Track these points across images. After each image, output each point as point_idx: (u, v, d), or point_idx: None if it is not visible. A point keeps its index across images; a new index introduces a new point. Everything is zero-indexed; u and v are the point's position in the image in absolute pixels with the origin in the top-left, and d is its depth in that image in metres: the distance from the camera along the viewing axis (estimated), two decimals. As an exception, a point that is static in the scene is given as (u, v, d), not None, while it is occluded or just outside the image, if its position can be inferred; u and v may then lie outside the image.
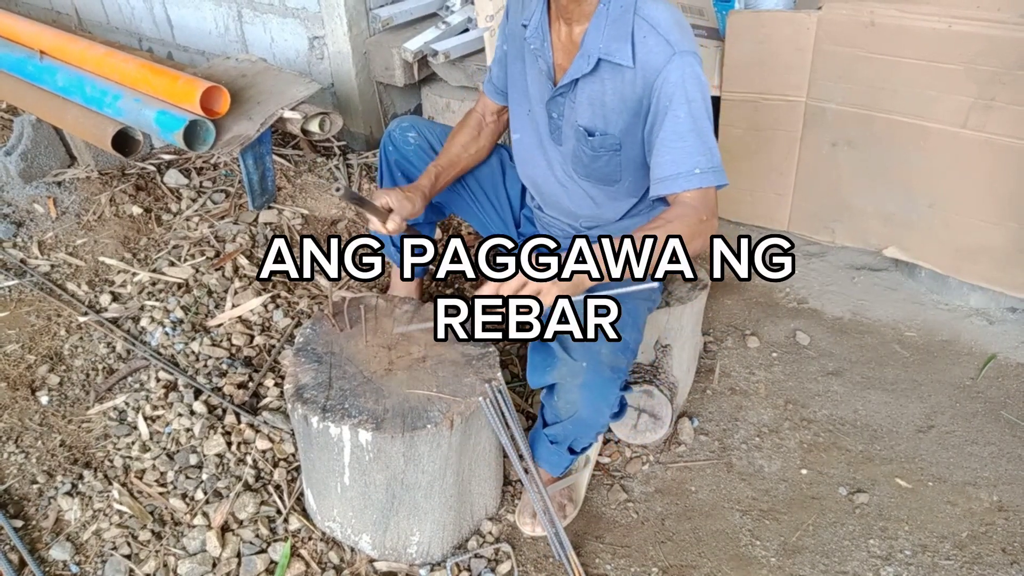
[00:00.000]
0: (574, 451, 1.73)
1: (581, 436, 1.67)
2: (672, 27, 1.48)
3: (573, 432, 1.66)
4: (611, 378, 1.55)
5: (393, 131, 1.95)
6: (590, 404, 1.57)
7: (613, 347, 1.57)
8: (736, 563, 1.78)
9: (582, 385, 1.55)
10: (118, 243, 2.47)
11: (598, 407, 1.57)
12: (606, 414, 1.59)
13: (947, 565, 1.76)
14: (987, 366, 2.29)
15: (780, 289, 2.62)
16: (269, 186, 2.59)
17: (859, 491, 1.94)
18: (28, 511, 1.77)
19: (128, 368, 2.10)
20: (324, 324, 1.82)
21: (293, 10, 2.91)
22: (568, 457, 1.75)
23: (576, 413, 1.59)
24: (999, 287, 2.41)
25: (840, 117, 2.50)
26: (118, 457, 1.89)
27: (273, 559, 1.71)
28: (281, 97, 2.45)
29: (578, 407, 1.58)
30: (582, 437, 1.68)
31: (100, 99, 2.34)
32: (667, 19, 1.48)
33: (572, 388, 1.57)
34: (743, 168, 2.78)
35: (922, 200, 2.46)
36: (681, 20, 1.51)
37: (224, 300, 2.30)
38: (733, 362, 2.34)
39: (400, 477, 1.62)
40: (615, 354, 1.56)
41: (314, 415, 1.58)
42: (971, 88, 2.23)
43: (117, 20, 3.59)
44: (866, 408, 2.17)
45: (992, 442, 2.06)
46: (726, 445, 2.08)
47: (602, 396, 1.56)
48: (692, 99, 1.47)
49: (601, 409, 1.58)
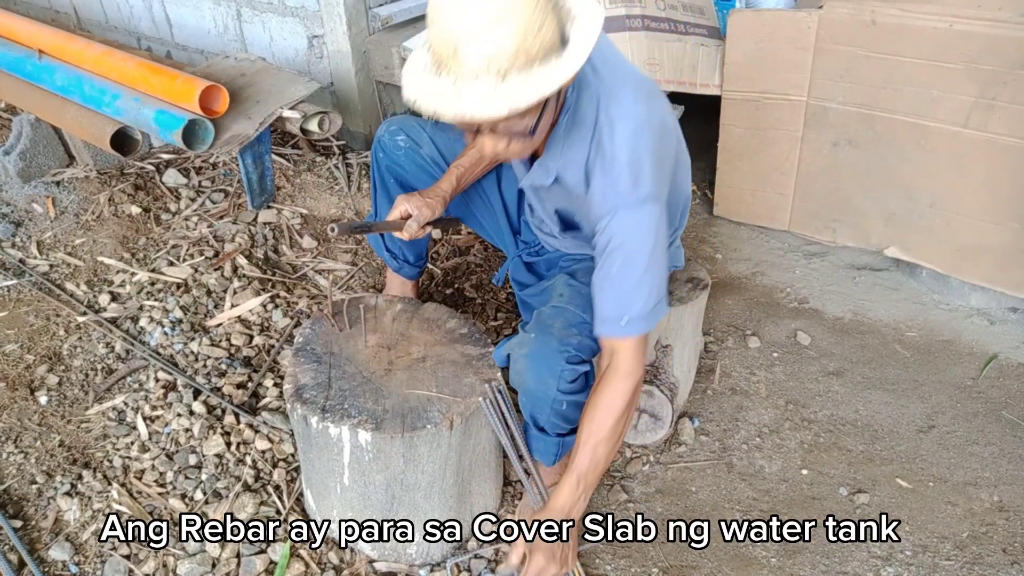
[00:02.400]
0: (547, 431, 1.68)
1: (537, 409, 1.64)
2: (624, 169, 1.38)
3: (528, 406, 1.66)
4: (557, 349, 1.54)
5: (382, 137, 1.93)
6: (534, 373, 1.57)
7: (566, 321, 1.59)
8: (736, 563, 1.78)
9: (527, 355, 1.57)
10: (117, 243, 2.46)
11: (542, 377, 1.56)
12: (552, 386, 1.57)
13: (948, 565, 1.75)
14: (988, 366, 2.28)
15: (781, 289, 2.61)
16: (268, 185, 2.59)
17: (860, 491, 1.93)
18: (27, 511, 1.77)
19: (127, 368, 2.10)
20: (323, 324, 1.81)
21: (292, 9, 2.90)
22: (551, 440, 1.69)
23: (523, 384, 1.61)
24: (1000, 287, 2.40)
25: (841, 116, 2.50)
26: (117, 457, 1.89)
27: (272, 559, 1.70)
28: (280, 96, 2.44)
29: (524, 377, 1.59)
30: (539, 411, 1.64)
31: (99, 98, 2.33)
32: (623, 157, 1.38)
33: (519, 358, 1.60)
34: (744, 168, 2.78)
35: (923, 200, 2.46)
36: (639, 153, 1.38)
37: (223, 300, 2.30)
38: (734, 362, 2.33)
39: (400, 477, 1.62)
40: (567, 328, 1.58)
41: (313, 415, 1.58)
42: (972, 88, 2.23)
43: (116, 19, 3.58)
44: (867, 408, 2.17)
45: (993, 442, 2.05)
46: (727, 445, 2.08)
47: (546, 366, 1.55)
48: (631, 251, 1.42)
49: (545, 379, 1.56)
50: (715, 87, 2.72)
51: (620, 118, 1.39)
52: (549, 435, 1.69)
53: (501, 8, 1.14)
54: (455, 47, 1.17)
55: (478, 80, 1.18)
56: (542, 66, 1.19)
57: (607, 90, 1.40)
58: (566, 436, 1.69)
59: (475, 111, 1.19)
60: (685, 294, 2.02)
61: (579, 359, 1.57)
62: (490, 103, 1.18)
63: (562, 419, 1.65)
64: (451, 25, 1.16)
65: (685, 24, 2.69)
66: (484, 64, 1.16)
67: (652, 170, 1.39)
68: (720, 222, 2.93)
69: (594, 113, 1.40)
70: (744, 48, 2.57)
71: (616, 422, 1.49)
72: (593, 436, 1.50)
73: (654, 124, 1.42)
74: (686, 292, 2.03)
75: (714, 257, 2.77)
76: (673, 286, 2.05)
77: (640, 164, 1.38)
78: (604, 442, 1.50)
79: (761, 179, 2.76)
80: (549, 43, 1.19)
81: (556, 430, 1.68)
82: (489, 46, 1.15)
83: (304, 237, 2.58)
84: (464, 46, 1.16)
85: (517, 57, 1.17)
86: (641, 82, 1.46)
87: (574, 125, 1.42)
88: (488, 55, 1.16)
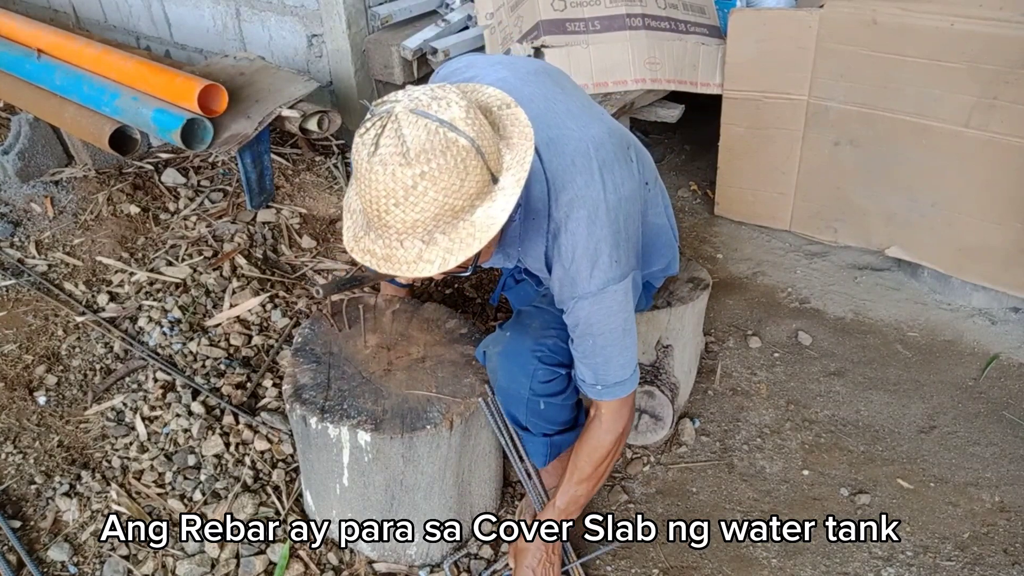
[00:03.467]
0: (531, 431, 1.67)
1: (513, 407, 1.64)
2: (582, 262, 1.36)
3: (504, 403, 1.66)
4: (531, 348, 1.55)
5: None
6: (505, 371, 1.58)
7: (544, 323, 1.59)
8: (737, 564, 1.77)
9: (500, 352, 1.59)
10: (115, 243, 2.45)
11: (514, 375, 1.57)
12: (524, 385, 1.56)
13: (948, 566, 1.75)
14: (989, 366, 2.28)
15: (782, 289, 2.61)
16: (267, 185, 2.58)
17: (861, 492, 1.93)
18: (26, 511, 1.76)
19: (126, 368, 2.09)
20: (322, 324, 1.81)
21: (291, 8, 2.90)
22: (538, 441, 1.68)
23: (496, 382, 1.62)
24: (1002, 287, 2.40)
25: (842, 116, 2.49)
26: (116, 458, 1.88)
27: (272, 560, 1.70)
28: (279, 95, 2.43)
29: (497, 375, 1.61)
30: (515, 409, 1.64)
31: (98, 98, 2.33)
32: (580, 249, 1.35)
33: (492, 356, 1.61)
34: (744, 167, 2.77)
35: (924, 199, 2.45)
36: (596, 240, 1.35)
37: (222, 300, 2.29)
38: (735, 362, 2.33)
39: (399, 478, 1.61)
40: (545, 329, 1.58)
41: (313, 416, 1.57)
42: (974, 87, 2.22)
43: (115, 18, 3.58)
44: (868, 409, 2.16)
45: (994, 443, 2.05)
46: (727, 446, 2.07)
47: (518, 364, 1.56)
48: (599, 334, 1.43)
49: (517, 378, 1.57)
50: (716, 86, 2.71)
51: (574, 207, 1.34)
52: (535, 435, 1.68)
53: (417, 177, 1.10)
54: (377, 212, 1.15)
55: (403, 244, 1.16)
56: (470, 215, 1.16)
57: (555, 176, 1.35)
58: (554, 436, 1.67)
59: (405, 272, 1.18)
60: (686, 294, 2.02)
61: (555, 360, 1.56)
62: (417, 267, 1.17)
63: (543, 420, 1.64)
64: (371, 192, 1.13)
65: (686, 23, 2.68)
66: (408, 227, 1.14)
67: (611, 253, 1.37)
68: (721, 222, 2.92)
69: (546, 204, 1.36)
70: (745, 47, 2.56)
71: (595, 468, 1.57)
72: (576, 475, 1.58)
73: (611, 203, 1.37)
74: (687, 292, 2.02)
75: (715, 257, 2.77)
76: (674, 286, 2.05)
77: (598, 253, 1.36)
78: (586, 481, 1.58)
79: (762, 179, 2.75)
80: (475, 192, 1.15)
81: (540, 430, 1.67)
82: (411, 213, 1.13)
83: (303, 237, 2.58)
84: (385, 213, 1.14)
85: (440, 218, 1.14)
86: (593, 153, 1.38)
87: (528, 218, 1.38)
88: (411, 220, 1.14)
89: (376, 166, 1.11)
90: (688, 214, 2.98)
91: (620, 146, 1.46)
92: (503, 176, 1.19)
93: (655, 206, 1.66)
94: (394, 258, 1.17)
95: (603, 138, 1.42)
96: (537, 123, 1.34)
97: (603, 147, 1.40)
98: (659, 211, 1.69)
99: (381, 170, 1.11)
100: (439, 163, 1.10)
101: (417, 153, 1.09)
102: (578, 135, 1.40)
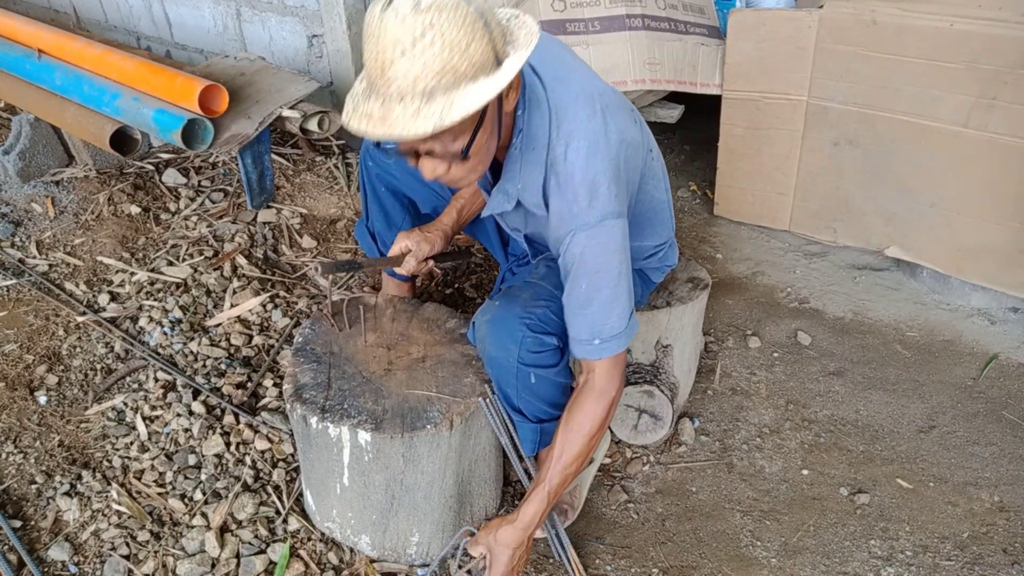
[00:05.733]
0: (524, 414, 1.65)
1: (503, 381, 1.61)
2: (580, 189, 1.37)
3: (494, 375, 1.62)
4: (519, 315, 1.53)
5: (370, 146, 1.90)
6: (494, 338, 1.56)
7: (534, 294, 1.58)
8: (737, 564, 1.78)
9: (489, 320, 1.57)
10: (116, 242, 2.46)
11: (502, 342, 1.55)
12: (513, 352, 1.54)
13: (948, 566, 1.75)
14: (989, 366, 2.28)
15: (781, 289, 2.61)
16: (268, 185, 2.58)
17: (860, 491, 1.93)
18: (27, 511, 1.77)
19: (126, 368, 2.09)
20: (323, 324, 1.81)
21: (292, 8, 2.90)
22: (528, 427, 1.67)
23: (485, 351, 1.59)
24: (1001, 287, 2.40)
25: (842, 116, 2.49)
26: (117, 457, 1.88)
27: (272, 560, 1.70)
28: (280, 96, 2.44)
29: (485, 343, 1.58)
30: (505, 383, 1.61)
31: (98, 98, 2.33)
32: (578, 177, 1.36)
33: (481, 324, 1.59)
34: (744, 167, 2.78)
35: (924, 199, 2.46)
36: (595, 171, 1.36)
37: (223, 300, 2.29)
38: (734, 362, 2.33)
39: (400, 478, 1.62)
40: (534, 299, 1.57)
41: (313, 415, 1.58)
42: (973, 87, 2.22)
43: (115, 18, 3.58)
44: (867, 408, 2.17)
45: (993, 442, 2.05)
46: (727, 445, 2.07)
47: (506, 331, 1.54)
48: (594, 271, 1.41)
49: (506, 345, 1.54)
50: (715, 87, 2.72)
51: (574, 137, 1.37)
52: (528, 419, 1.66)
53: (426, 25, 1.14)
54: (382, 67, 1.17)
55: (403, 101, 1.18)
56: (471, 84, 1.19)
57: (559, 108, 1.38)
58: (545, 424, 1.66)
59: (399, 131, 1.19)
60: (685, 294, 2.02)
61: (543, 329, 1.54)
62: (413, 123, 1.18)
63: (535, 397, 1.61)
64: (379, 45, 1.17)
65: (685, 23, 2.69)
66: (410, 83, 1.17)
67: (609, 187, 1.38)
68: (720, 222, 2.93)
69: (547, 134, 1.38)
70: (744, 48, 2.57)
71: (588, 441, 1.52)
72: (565, 454, 1.52)
73: (611, 140, 1.39)
74: (686, 292, 2.03)
75: (714, 257, 2.77)
76: (673, 286, 2.05)
77: (596, 183, 1.37)
78: (576, 459, 1.53)
79: (761, 179, 2.76)
80: (479, 62, 1.18)
81: (534, 412, 1.64)
82: (415, 64, 1.16)
83: (304, 237, 2.58)
84: (390, 65, 1.17)
85: (443, 75, 1.16)
86: (597, 96, 1.41)
87: (528, 147, 1.40)
88: (414, 74, 1.16)
89: (388, 16, 1.15)
90: (688, 214, 2.98)
91: (624, 104, 1.50)
92: (506, 61, 1.23)
93: (654, 178, 1.65)
94: (390, 117, 1.19)
95: (608, 91, 1.47)
96: (545, 65, 1.39)
97: (607, 96, 1.45)
98: (659, 185, 1.68)
99: (392, 18, 1.15)
100: (448, 17, 1.14)
101: (428, 6, 1.14)
102: (585, 81, 1.44)
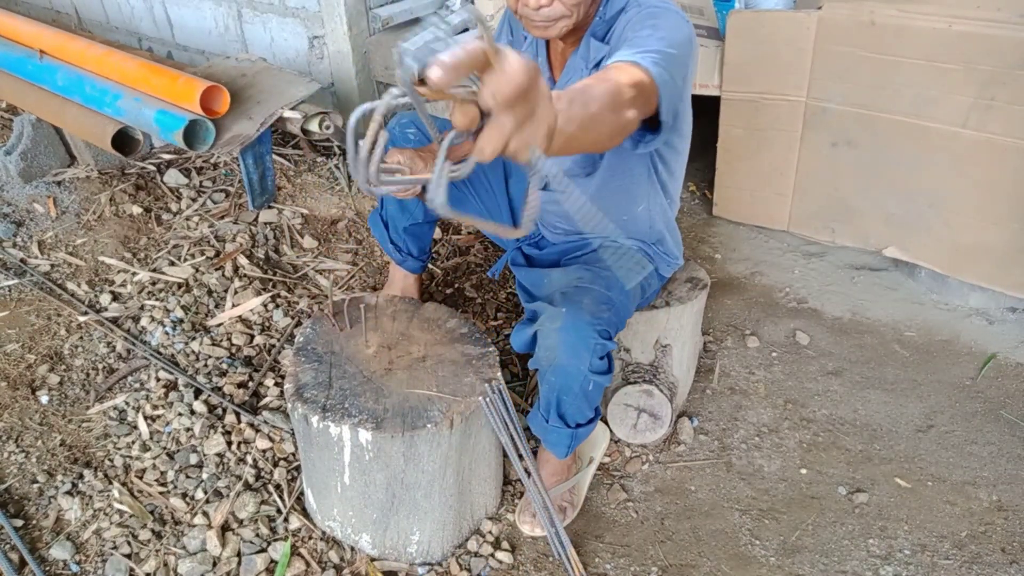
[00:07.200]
0: (566, 420, 1.66)
1: (565, 389, 1.59)
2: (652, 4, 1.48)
3: (557, 384, 1.59)
4: (590, 322, 1.53)
5: (392, 128, 1.93)
6: (567, 346, 1.53)
7: (596, 298, 1.59)
8: (735, 562, 1.78)
9: (560, 328, 1.54)
10: (118, 243, 2.46)
11: (576, 350, 1.53)
12: (586, 359, 1.53)
13: (946, 565, 1.76)
14: (987, 366, 2.29)
15: (780, 289, 2.62)
16: (269, 186, 2.59)
17: (858, 491, 1.94)
18: (28, 510, 1.77)
19: (128, 368, 2.10)
20: (324, 324, 1.82)
21: (293, 9, 2.91)
22: (566, 432, 1.67)
23: (555, 360, 1.55)
24: (999, 287, 2.41)
25: (840, 117, 2.50)
26: (118, 456, 1.89)
27: (273, 558, 1.71)
28: (281, 96, 2.44)
29: (556, 352, 1.54)
30: (566, 392, 1.60)
31: (100, 98, 2.34)
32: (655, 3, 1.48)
33: (550, 333, 1.55)
34: (743, 168, 2.78)
35: (922, 200, 2.46)
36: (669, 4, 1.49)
37: (224, 300, 2.30)
38: (733, 362, 2.34)
39: (400, 477, 1.62)
40: (597, 304, 1.58)
41: (314, 414, 1.58)
42: (971, 88, 2.23)
43: (117, 19, 3.59)
44: (866, 408, 2.17)
45: (991, 442, 2.06)
46: (726, 445, 2.08)
47: (580, 338, 1.52)
48: (662, 27, 1.40)
49: (580, 353, 1.53)
50: (714, 87, 2.72)
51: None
52: (567, 425, 1.66)
53: None
54: None
55: None
56: None
57: None
58: (578, 429, 1.68)
59: None
60: (684, 294, 2.03)
61: (608, 335, 1.56)
62: None
63: (586, 402, 1.62)
64: None
65: (685, 24, 2.69)
66: None
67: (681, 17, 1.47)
68: (719, 222, 2.93)
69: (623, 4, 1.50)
70: (743, 49, 2.57)
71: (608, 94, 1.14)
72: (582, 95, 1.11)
73: (680, 11, 1.49)
74: (685, 292, 2.04)
75: (713, 257, 2.78)
76: (672, 286, 2.06)
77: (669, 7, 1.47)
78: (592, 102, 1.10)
79: (760, 179, 2.76)
80: None
81: (576, 418, 1.65)
82: None
83: (305, 237, 2.59)
84: None
85: None
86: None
87: (607, 10, 1.52)
88: None
89: None
90: (686, 214, 2.99)
91: None
92: None
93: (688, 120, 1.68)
94: None
95: None
96: None
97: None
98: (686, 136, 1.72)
99: None
100: None
101: None
102: None
